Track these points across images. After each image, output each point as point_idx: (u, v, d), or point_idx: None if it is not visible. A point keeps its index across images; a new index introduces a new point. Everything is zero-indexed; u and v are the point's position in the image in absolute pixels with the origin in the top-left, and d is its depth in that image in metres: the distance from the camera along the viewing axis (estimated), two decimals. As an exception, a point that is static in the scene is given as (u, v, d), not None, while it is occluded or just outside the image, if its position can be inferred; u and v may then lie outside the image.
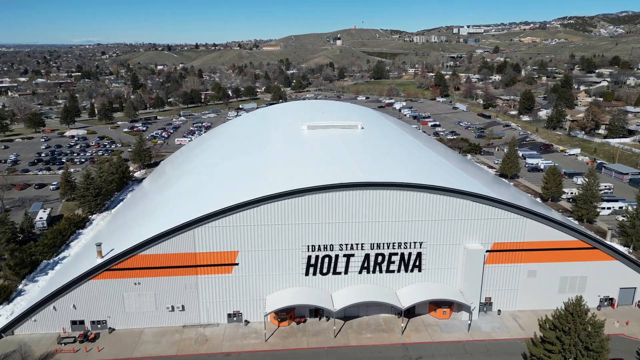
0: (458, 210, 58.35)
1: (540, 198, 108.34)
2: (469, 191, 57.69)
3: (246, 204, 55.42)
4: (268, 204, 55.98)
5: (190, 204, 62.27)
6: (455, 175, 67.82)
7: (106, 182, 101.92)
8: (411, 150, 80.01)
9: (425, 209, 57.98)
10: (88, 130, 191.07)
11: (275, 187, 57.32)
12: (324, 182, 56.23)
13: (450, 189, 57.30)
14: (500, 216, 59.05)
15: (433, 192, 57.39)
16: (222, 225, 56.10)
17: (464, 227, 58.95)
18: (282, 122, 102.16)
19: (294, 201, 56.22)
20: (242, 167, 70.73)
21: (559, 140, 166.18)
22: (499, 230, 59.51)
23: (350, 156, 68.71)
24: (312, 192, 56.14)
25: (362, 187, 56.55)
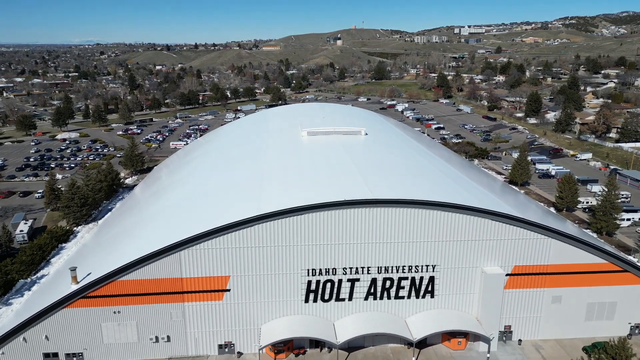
0: (475, 229, 52.34)
1: (554, 208, 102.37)
2: (489, 209, 51.62)
3: (238, 224, 49.39)
4: (263, 224, 49.97)
5: (177, 221, 56.35)
6: (468, 188, 61.79)
7: (93, 191, 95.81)
8: (419, 159, 73.93)
9: (438, 229, 51.97)
10: (81, 133, 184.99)
11: (272, 204, 51.45)
12: (325, 199, 50.26)
13: (468, 207, 51.23)
14: (522, 236, 53.02)
15: (448, 210, 51.33)
16: (212, 247, 50.08)
17: (481, 249, 52.95)
18: (280, 127, 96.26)
19: (292, 220, 50.22)
20: (236, 178, 64.65)
21: (569, 144, 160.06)
22: (520, 252, 53.49)
23: (354, 167, 62.64)
24: (313, 211, 50.13)
25: (369, 205, 50.53)
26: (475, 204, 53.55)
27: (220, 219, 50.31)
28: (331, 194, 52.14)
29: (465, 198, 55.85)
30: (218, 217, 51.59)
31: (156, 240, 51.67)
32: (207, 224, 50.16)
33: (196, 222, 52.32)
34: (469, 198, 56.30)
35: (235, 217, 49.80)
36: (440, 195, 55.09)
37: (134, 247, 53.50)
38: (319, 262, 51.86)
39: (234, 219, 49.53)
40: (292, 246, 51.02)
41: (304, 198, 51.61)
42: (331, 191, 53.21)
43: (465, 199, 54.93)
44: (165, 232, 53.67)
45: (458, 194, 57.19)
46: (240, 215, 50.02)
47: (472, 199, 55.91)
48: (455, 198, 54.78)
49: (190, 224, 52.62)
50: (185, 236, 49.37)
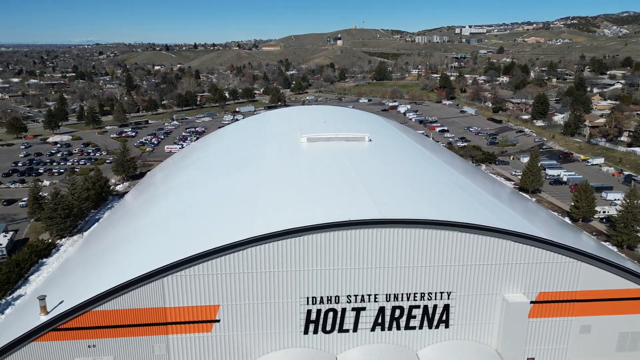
0: (496, 252, 46.54)
1: (568, 217, 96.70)
2: (512, 231, 45.80)
3: (229, 247, 43.54)
4: (257, 247, 44.14)
5: (162, 241, 50.49)
6: (484, 202, 55.94)
7: (79, 200, 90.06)
8: (428, 169, 68.06)
9: (455, 252, 46.15)
10: (73, 136, 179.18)
11: (267, 223, 45.68)
12: (326, 218, 44.45)
13: (489, 227, 45.40)
14: (548, 260, 47.18)
15: (466, 230, 45.50)
16: (199, 273, 44.23)
17: (502, 274, 47.15)
18: (278, 132, 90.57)
19: (289, 243, 44.41)
20: (229, 191, 58.78)
21: (579, 148, 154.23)
22: (546, 277, 47.65)
23: (358, 178, 56.75)
24: (313, 232, 44.31)
25: (376, 225, 44.69)
26: (493, 221, 47.90)
27: (209, 241, 44.50)
28: (333, 211, 46.48)
29: (483, 215, 50.15)
30: (207, 237, 45.88)
31: (138, 263, 45.98)
32: (194, 247, 44.37)
33: (182, 243, 46.65)
34: (487, 215, 50.56)
35: (226, 239, 43.97)
36: (455, 211, 49.47)
37: (113, 270, 47.85)
38: (320, 289, 46.05)
39: (224, 240, 43.70)
40: (290, 271, 45.21)
41: (302, 216, 45.92)
42: (333, 208, 47.56)
43: (483, 217, 49.24)
44: (148, 254, 47.98)
45: (474, 210, 51.46)
46: (231, 236, 44.20)
47: (490, 216, 50.19)
48: (472, 215, 49.14)
49: (175, 245, 46.94)
50: (169, 260, 43.52)
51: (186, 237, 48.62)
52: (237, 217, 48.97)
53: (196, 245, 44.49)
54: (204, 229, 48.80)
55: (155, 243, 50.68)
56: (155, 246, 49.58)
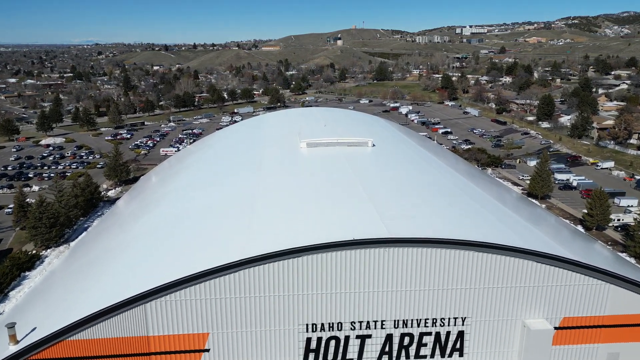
0: (516, 274, 41.98)
1: (581, 226, 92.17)
2: (535, 250, 41.25)
3: (220, 269, 38.93)
4: (251, 269, 39.55)
5: (147, 259, 45.79)
6: (498, 215, 51.32)
7: (67, 207, 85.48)
8: (436, 177, 63.42)
9: (470, 273, 41.56)
10: (67, 138, 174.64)
11: (263, 240, 41.18)
12: (328, 236, 39.90)
13: (509, 247, 40.85)
14: (573, 282, 42.61)
15: (483, 250, 40.92)
16: (187, 298, 39.63)
17: (523, 297, 42.57)
18: (277, 136, 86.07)
19: (287, 264, 39.84)
20: (223, 202, 54.08)
21: (587, 151, 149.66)
22: (571, 301, 43.07)
23: (362, 189, 52.15)
24: (313, 252, 39.73)
25: (384, 245, 40.10)
26: (512, 238, 43.43)
27: (198, 261, 39.89)
28: (336, 228, 42.01)
29: (500, 230, 45.66)
30: (196, 257, 41.34)
31: (120, 285, 41.49)
32: (182, 267, 39.79)
33: (169, 262, 42.13)
34: (504, 230, 46.02)
35: (217, 259, 39.38)
36: (469, 227, 44.95)
37: (94, 292, 43.19)
38: (321, 314, 41.46)
39: (215, 261, 39.10)
40: (288, 296, 40.62)
41: (302, 234, 41.42)
42: (335, 224, 43.06)
43: (501, 232, 44.80)
44: (131, 274, 43.35)
45: (490, 225, 46.90)
46: (223, 256, 39.62)
47: (507, 232, 45.64)
48: (488, 231, 44.66)
49: (161, 265, 42.40)
50: (153, 284, 38.91)
51: (174, 255, 44.00)
52: (229, 233, 44.34)
53: (184, 266, 39.93)
54: (194, 246, 44.12)
55: (141, 261, 46.00)
56: (140, 265, 44.93)
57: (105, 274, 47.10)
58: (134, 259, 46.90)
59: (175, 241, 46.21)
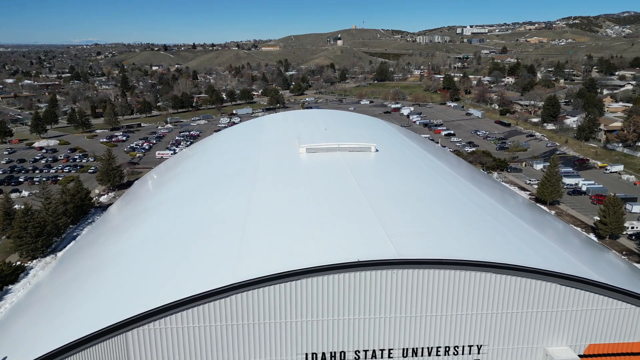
0: (537, 297, 38.02)
1: (594, 234, 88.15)
2: (559, 272, 37.19)
3: (209, 294, 34.92)
4: (244, 293, 35.54)
5: (133, 278, 41.73)
6: (513, 229, 47.27)
7: (55, 215, 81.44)
8: (444, 186, 59.32)
9: (487, 297, 37.60)
10: (60, 141, 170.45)
11: (256, 261, 37.28)
12: (330, 257, 35.90)
13: (530, 268, 36.81)
14: (600, 305, 38.64)
15: (501, 271, 36.90)
16: (172, 326, 35.63)
17: (544, 323, 38.59)
18: (275, 141, 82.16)
19: (284, 288, 35.84)
20: (215, 215, 50.00)
21: (595, 154, 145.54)
22: (597, 326, 39.11)
23: (366, 200, 48.06)
24: (313, 275, 35.71)
25: (392, 266, 36.09)
26: (532, 256, 39.54)
27: (185, 285, 35.98)
28: (337, 246, 38.10)
29: (517, 247, 41.68)
30: (183, 278, 37.45)
31: (100, 309, 37.61)
32: (167, 291, 35.84)
33: (154, 285, 38.16)
34: (522, 247, 41.99)
35: (206, 282, 35.44)
36: (484, 244, 41.06)
37: (71, 318, 39.14)
38: (322, 343, 37.47)
39: (203, 284, 35.13)
40: (285, 322, 36.63)
41: (299, 253, 37.47)
42: (337, 242, 39.06)
43: (518, 250, 40.88)
44: (112, 299, 39.28)
45: (505, 242, 42.87)
46: (212, 279, 35.67)
47: (525, 249, 41.63)
48: (504, 248, 40.83)
49: (146, 288, 38.43)
50: (136, 310, 34.87)
51: (158, 277, 39.91)
52: (220, 253, 40.22)
53: (169, 291, 35.93)
54: (180, 268, 39.97)
55: (123, 283, 41.89)
56: (122, 287, 40.83)
57: (86, 296, 43.00)
58: (116, 280, 42.79)
59: (161, 262, 42.10)
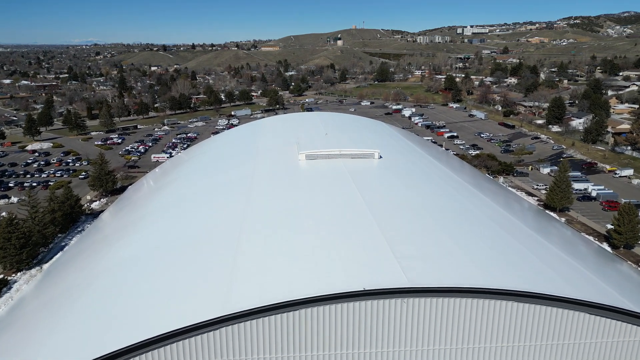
0: (563, 328, 33.95)
1: (607, 243, 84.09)
2: (594, 302, 33.10)
3: (195, 327, 30.80)
4: (235, 326, 31.44)
5: (113, 305, 37.56)
6: (532, 246, 43.12)
7: (41, 225, 77.37)
8: (454, 196, 55.25)
9: (507, 328, 33.52)
10: (54, 143, 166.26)
11: (248, 288, 33.18)
12: (331, 285, 31.88)
13: (557, 297, 32.70)
14: (632, 336, 34.52)
15: (528, 300, 32.86)
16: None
17: (572, 355, 34.45)
18: (273, 146, 78.18)
19: (280, 320, 31.73)
20: (206, 231, 45.89)
21: (603, 157, 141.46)
22: (629, 359, 35.02)
23: (371, 216, 43.95)
24: (313, 305, 31.64)
25: (402, 295, 32.02)
26: (554, 279, 35.79)
27: (167, 316, 31.88)
28: (340, 270, 34.19)
29: (539, 270, 37.64)
30: (165, 310, 33.18)
31: (70, 343, 33.42)
32: (148, 322, 31.77)
33: (134, 315, 33.96)
34: (545, 270, 37.88)
35: (191, 314, 31.35)
36: (502, 266, 37.00)
37: (43, 350, 35.00)
38: (324, 380, 33.34)
39: (188, 318, 30.99)
40: (282, 358, 32.49)
41: (297, 279, 33.48)
42: (339, 264, 35.08)
43: (540, 273, 36.92)
44: (84, 330, 34.99)
45: (525, 262, 38.76)
46: (199, 310, 31.59)
47: (546, 269, 37.67)
48: (524, 270, 36.84)
49: (124, 318, 34.22)
50: (108, 348, 30.70)
51: (141, 304, 35.75)
52: (210, 277, 36.05)
53: (149, 324, 31.83)
54: (165, 293, 35.80)
55: (101, 309, 37.68)
56: (98, 316, 36.58)
57: (61, 323, 38.92)
58: (91, 307, 38.60)
59: (143, 287, 37.90)
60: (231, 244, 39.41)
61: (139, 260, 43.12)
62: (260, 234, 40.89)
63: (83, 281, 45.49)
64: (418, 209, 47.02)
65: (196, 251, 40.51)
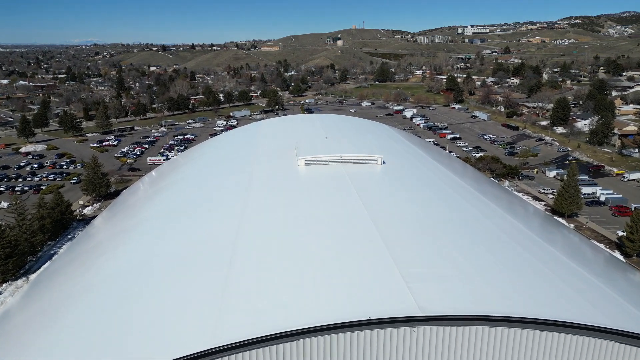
0: (590, 357, 30.54)
1: (619, 251, 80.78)
2: (624, 331, 29.73)
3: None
4: (226, 358, 28.09)
5: (90, 332, 34.26)
6: (552, 265, 39.70)
7: (28, 233, 74.11)
8: (464, 207, 51.85)
9: (530, 358, 30.15)
10: (49, 145, 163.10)
11: (241, 315, 29.80)
12: (332, 315, 28.58)
13: (586, 325, 29.39)
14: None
15: (548, 328, 29.55)
16: (134, 400, 28.16)
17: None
18: (271, 151, 74.86)
19: (277, 351, 28.38)
20: (198, 246, 42.53)
21: (610, 160, 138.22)
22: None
23: (375, 230, 40.60)
24: (312, 335, 28.32)
25: (412, 324, 28.72)
26: (579, 303, 32.47)
27: (148, 351, 28.52)
28: (343, 294, 30.94)
29: (560, 291, 34.26)
30: (145, 344, 29.82)
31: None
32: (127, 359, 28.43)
33: (112, 347, 30.59)
34: (565, 290, 34.56)
35: (178, 345, 28.03)
36: (521, 288, 33.73)
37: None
38: (325, 417, 30.01)
39: (173, 351, 27.66)
40: (278, 392, 29.15)
41: (296, 304, 30.16)
42: (342, 288, 31.79)
43: (562, 295, 33.56)
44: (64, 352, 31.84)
45: (545, 282, 35.39)
46: (186, 340, 28.28)
47: (569, 292, 34.27)
48: (545, 293, 33.53)
49: (103, 347, 30.90)
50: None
51: (123, 329, 32.42)
52: (199, 302, 32.64)
53: (131, 353, 28.59)
54: (148, 319, 32.41)
55: (80, 334, 34.31)
56: (76, 342, 33.28)
57: (37, 344, 35.67)
58: (71, 331, 35.22)
59: (124, 311, 34.44)
60: (223, 264, 36.03)
61: (122, 279, 39.76)
62: (255, 253, 37.49)
63: (65, 299, 42.29)
64: (426, 222, 43.67)
65: (184, 271, 37.15)
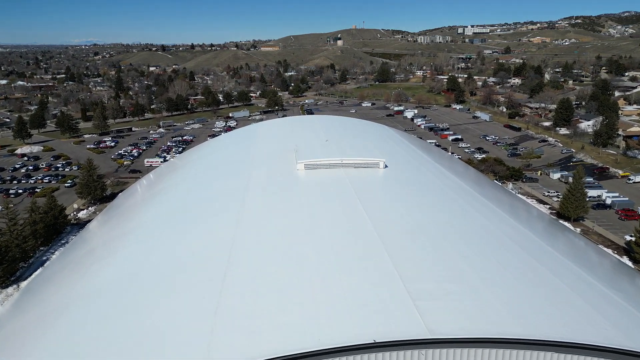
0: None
1: (627, 257, 78.54)
2: None
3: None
4: (217, 383, 25.88)
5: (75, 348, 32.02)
6: (568, 279, 37.49)
7: (20, 239, 71.86)
8: (471, 214, 49.58)
9: (546, 383, 27.89)
10: (45, 147, 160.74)
11: (237, 338, 27.61)
12: (334, 336, 26.26)
13: (611, 348, 27.15)
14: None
15: (566, 350, 27.32)
16: None
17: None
18: (269, 153, 72.71)
19: (273, 376, 26.09)
20: (190, 257, 40.28)
21: (615, 161, 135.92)
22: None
23: (379, 241, 38.38)
24: (315, 358, 26.05)
25: (421, 346, 26.49)
26: (597, 321, 30.20)
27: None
28: (345, 314, 28.65)
29: (577, 308, 31.98)
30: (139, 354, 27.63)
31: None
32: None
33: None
34: (582, 306, 32.31)
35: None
36: (536, 305, 31.42)
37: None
38: None
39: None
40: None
41: (294, 327, 27.91)
42: (345, 307, 29.48)
43: (580, 312, 31.24)
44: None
45: (561, 298, 33.13)
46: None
47: (586, 308, 32.01)
48: (562, 311, 31.17)
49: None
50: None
51: (109, 350, 30.19)
52: (189, 323, 30.31)
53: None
54: (136, 340, 30.14)
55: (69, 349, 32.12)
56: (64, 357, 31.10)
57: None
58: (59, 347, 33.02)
59: (110, 328, 32.05)
60: (217, 279, 33.74)
61: (112, 293, 37.49)
62: (250, 269, 35.17)
63: (55, 310, 40.21)
64: (431, 232, 41.43)
65: (175, 287, 34.89)
